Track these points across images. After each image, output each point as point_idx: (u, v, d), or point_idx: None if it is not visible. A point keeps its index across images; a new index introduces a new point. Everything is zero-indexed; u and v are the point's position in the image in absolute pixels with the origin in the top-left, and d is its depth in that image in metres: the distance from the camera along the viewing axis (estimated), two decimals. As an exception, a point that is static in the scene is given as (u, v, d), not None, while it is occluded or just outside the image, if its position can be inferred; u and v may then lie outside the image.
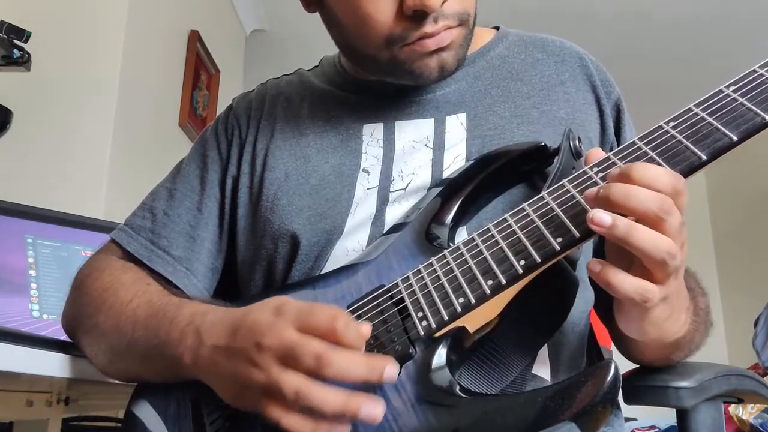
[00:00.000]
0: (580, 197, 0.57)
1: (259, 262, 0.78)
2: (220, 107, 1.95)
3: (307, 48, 1.85)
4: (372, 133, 0.79)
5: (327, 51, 0.90)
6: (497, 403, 0.55)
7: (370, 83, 0.81)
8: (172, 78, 2.35)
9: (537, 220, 0.58)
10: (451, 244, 0.64)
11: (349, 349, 0.51)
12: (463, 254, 0.60)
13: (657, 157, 0.56)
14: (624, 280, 0.52)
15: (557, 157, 0.67)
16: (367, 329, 0.53)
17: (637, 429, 2.85)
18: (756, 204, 4.02)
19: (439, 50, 0.70)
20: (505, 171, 0.71)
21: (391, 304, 0.61)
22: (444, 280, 0.60)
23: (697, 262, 0.71)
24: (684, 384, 0.71)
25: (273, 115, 0.85)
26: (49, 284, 1.19)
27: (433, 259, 0.62)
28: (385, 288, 0.63)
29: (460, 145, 0.75)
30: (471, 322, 0.58)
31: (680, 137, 0.56)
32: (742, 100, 0.56)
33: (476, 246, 0.60)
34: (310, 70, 0.92)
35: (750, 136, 0.55)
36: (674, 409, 0.74)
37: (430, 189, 0.73)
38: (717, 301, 4.08)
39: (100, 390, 1.04)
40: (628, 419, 2.69)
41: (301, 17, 0.86)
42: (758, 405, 2.20)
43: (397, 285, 0.62)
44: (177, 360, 0.61)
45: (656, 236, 0.51)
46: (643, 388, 0.73)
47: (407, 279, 0.62)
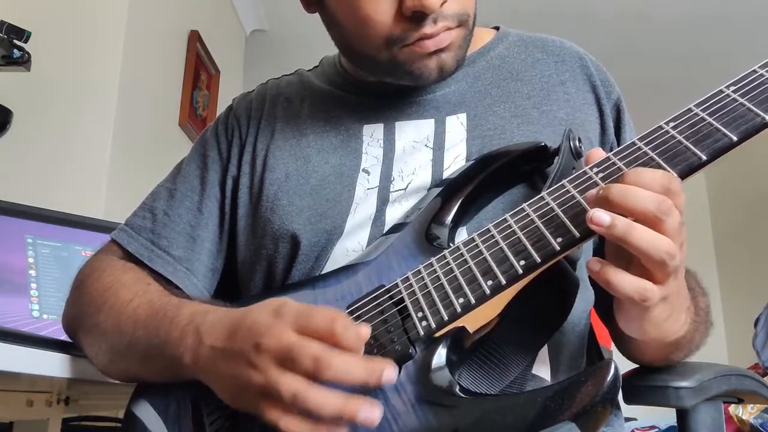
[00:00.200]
0: (580, 197, 0.57)
1: (259, 262, 0.78)
2: (220, 107, 1.95)
3: (307, 48, 1.85)
4: (372, 134, 0.79)
5: (327, 51, 0.90)
6: (497, 403, 0.55)
7: (370, 84, 0.81)
8: (172, 78, 2.35)
9: (537, 220, 0.58)
10: (451, 244, 0.64)
11: (348, 352, 0.51)
12: (463, 254, 0.60)
13: (657, 158, 0.56)
14: (624, 279, 0.52)
15: (557, 158, 0.67)
16: (366, 331, 0.52)
17: (637, 429, 2.86)
18: (756, 204, 4.02)
19: (438, 51, 0.70)
20: (505, 171, 0.71)
21: (391, 305, 0.61)
22: (444, 280, 0.60)
23: (697, 262, 0.71)
24: (684, 384, 0.71)
25: (273, 115, 0.85)
26: (49, 284, 1.19)
27: (433, 260, 0.62)
28: (385, 288, 0.63)
29: (460, 145, 0.75)
30: (471, 322, 0.58)
31: (680, 137, 0.56)
32: (742, 100, 0.56)
33: (476, 246, 0.60)
34: (310, 70, 0.92)
35: (750, 137, 0.55)
36: (674, 409, 0.74)
37: (430, 189, 0.73)
38: (717, 301, 4.08)
39: (100, 390, 1.04)
40: (628, 419, 2.69)
41: (301, 17, 0.86)
42: (758, 405, 2.20)
43: (397, 285, 0.62)
44: (177, 360, 0.61)
45: (655, 236, 0.51)
46: (643, 388, 0.73)
47: (407, 279, 0.62)
